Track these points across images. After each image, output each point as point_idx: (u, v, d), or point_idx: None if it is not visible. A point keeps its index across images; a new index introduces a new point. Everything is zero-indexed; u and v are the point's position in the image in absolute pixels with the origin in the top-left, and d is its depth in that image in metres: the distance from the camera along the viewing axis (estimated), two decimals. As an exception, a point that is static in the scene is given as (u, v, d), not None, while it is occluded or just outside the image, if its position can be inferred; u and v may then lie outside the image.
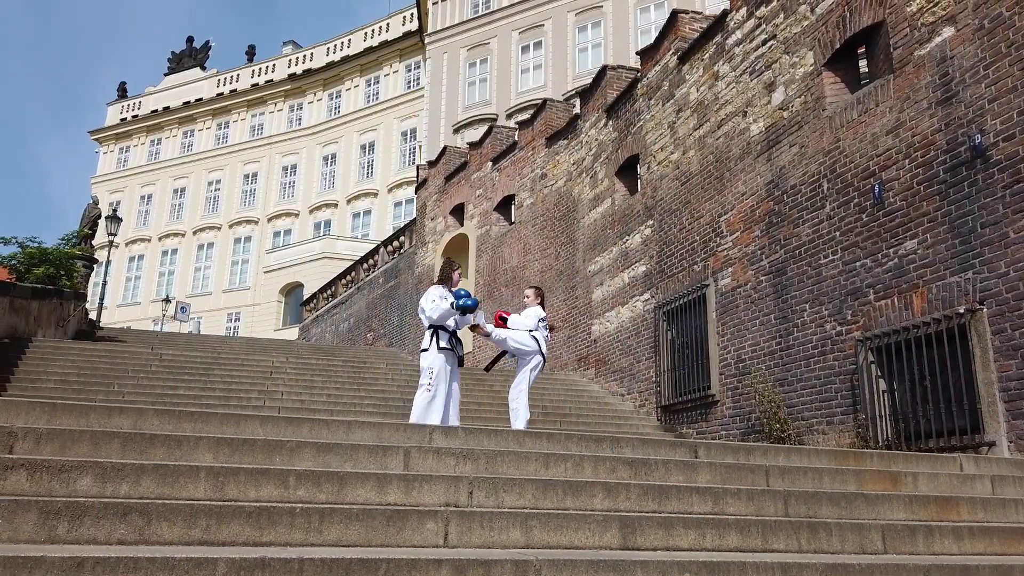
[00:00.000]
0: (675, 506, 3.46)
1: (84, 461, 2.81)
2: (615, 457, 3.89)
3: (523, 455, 3.73)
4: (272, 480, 3.00)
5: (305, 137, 40.70)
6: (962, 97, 6.73)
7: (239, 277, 40.30)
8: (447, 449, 3.63)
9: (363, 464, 3.46)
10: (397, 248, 22.04)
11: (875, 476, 4.27)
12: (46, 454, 3.03)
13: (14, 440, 3.01)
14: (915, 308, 6.97)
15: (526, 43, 30.71)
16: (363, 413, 9.56)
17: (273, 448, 3.38)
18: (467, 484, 3.22)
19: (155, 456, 3.18)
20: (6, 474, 2.68)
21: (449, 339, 6.60)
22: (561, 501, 3.31)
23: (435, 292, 6.72)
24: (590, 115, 14.16)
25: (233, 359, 11.64)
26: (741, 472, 4.01)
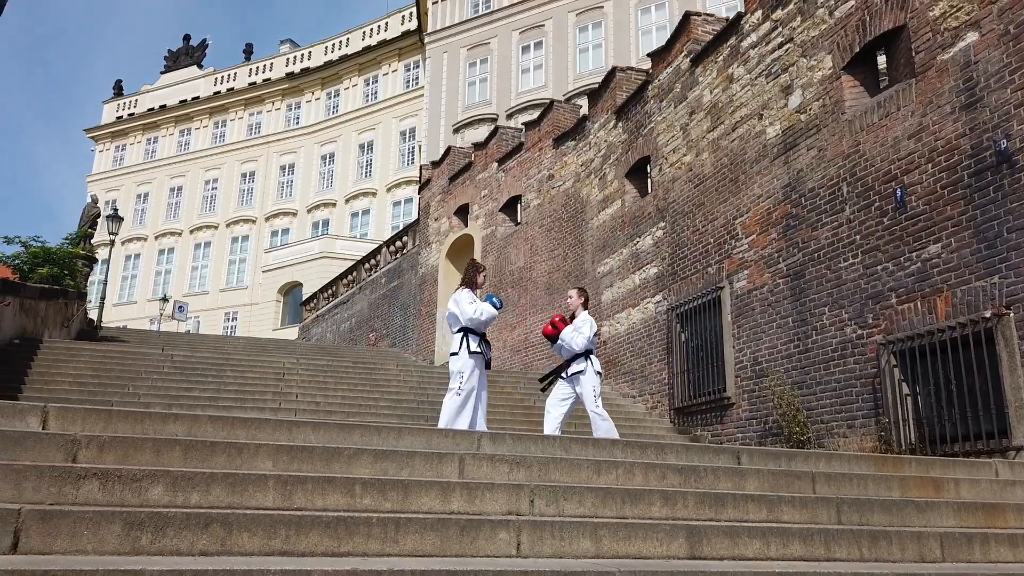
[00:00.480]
0: (731, 514, 3.46)
1: (156, 470, 2.79)
2: (665, 464, 3.89)
3: (574, 462, 3.72)
4: (338, 489, 2.98)
5: (303, 136, 40.60)
6: (987, 102, 6.76)
7: (236, 276, 40.17)
8: (501, 456, 3.62)
9: (419, 471, 3.45)
10: (400, 248, 22.00)
11: (918, 482, 4.29)
12: (109, 462, 3.00)
13: (78, 448, 2.99)
14: (939, 312, 6.99)
15: (526, 43, 30.71)
16: (379, 415, 9.55)
17: (332, 455, 3.36)
18: (528, 492, 3.22)
19: (217, 463, 3.16)
20: (79, 484, 2.65)
21: (479, 342, 6.59)
22: (620, 509, 3.31)
23: (466, 296, 6.69)
24: (599, 116, 14.16)
25: (244, 360, 11.60)
26: (788, 479, 4.02)
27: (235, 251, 40.80)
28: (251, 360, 11.68)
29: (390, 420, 9.38)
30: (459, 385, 6.36)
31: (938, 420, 6.83)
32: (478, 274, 6.93)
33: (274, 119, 41.95)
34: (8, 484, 2.58)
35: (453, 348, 6.65)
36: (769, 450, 4.60)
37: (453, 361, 6.55)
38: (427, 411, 9.98)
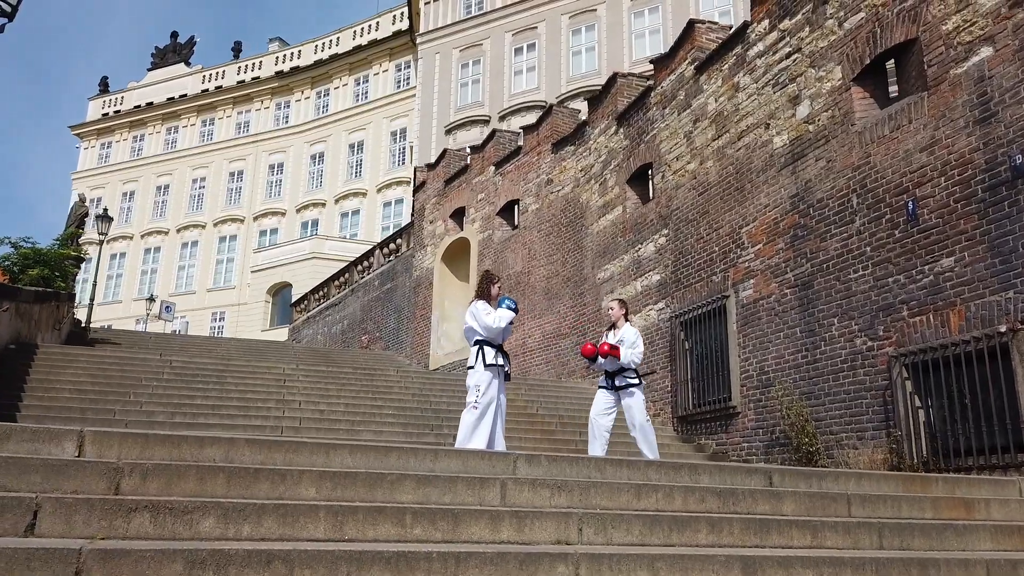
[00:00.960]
0: (776, 540, 3.44)
1: (206, 502, 2.72)
2: (703, 487, 3.86)
3: (614, 486, 3.68)
4: (389, 519, 2.92)
5: (292, 135, 40.33)
6: (1002, 117, 6.79)
7: (224, 276, 39.84)
8: (542, 481, 3.57)
9: (462, 496, 3.39)
10: (394, 250, 21.88)
11: (949, 503, 4.29)
12: (153, 491, 2.92)
13: (121, 477, 2.91)
14: (952, 326, 7.02)
15: (519, 45, 30.66)
16: (384, 423, 9.48)
17: (375, 481, 3.30)
18: (576, 520, 3.17)
19: (261, 491, 3.09)
20: (130, 517, 2.58)
21: (496, 355, 6.52)
22: (668, 536, 3.27)
23: (483, 307, 6.61)
24: (599, 122, 14.14)
25: (244, 367, 11.47)
26: (824, 501, 4.01)
27: (223, 251, 40.46)
28: (251, 366, 11.55)
29: (395, 428, 9.31)
30: (476, 399, 6.29)
31: (951, 434, 6.85)
32: (492, 285, 6.83)
33: (263, 118, 41.63)
34: (59, 519, 2.50)
35: (470, 361, 6.58)
36: (799, 470, 4.59)
37: (470, 375, 6.48)
38: (431, 419, 9.92)
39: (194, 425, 8.35)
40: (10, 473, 2.74)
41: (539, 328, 14.73)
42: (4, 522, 2.44)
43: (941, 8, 7.51)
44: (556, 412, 10.91)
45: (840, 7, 8.83)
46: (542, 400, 11.55)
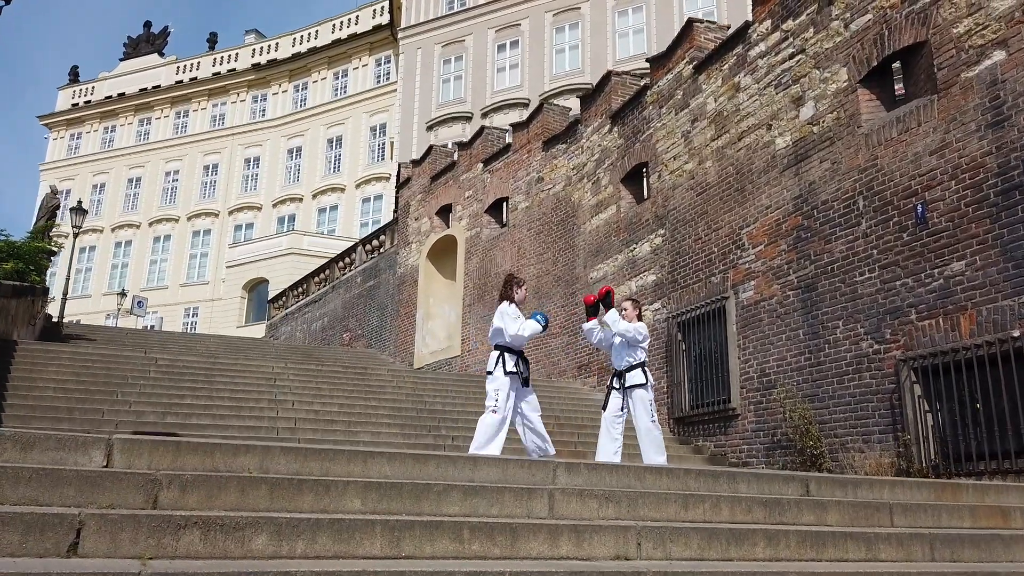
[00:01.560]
0: (832, 553, 3.34)
1: (258, 518, 2.54)
2: (748, 497, 3.75)
3: (661, 496, 3.56)
4: (446, 534, 2.76)
5: (269, 129, 39.74)
6: (1015, 121, 6.79)
7: (197, 271, 39.16)
8: (590, 491, 3.44)
9: (510, 508, 3.24)
10: (377, 247, 21.60)
11: (986, 512, 4.24)
12: (193, 504, 2.73)
13: (159, 489, 2.71)
14: (963, 330, 7.01)
15: (502, 42, 30.49)
16: (381, 424, 9.29)
17: (421, 492, 3.13)
18: (634, 535, 3.04)
19: (305, 503, 2.91)
20: (179, 534, 2.39)
21: (516, 362, 6.38)
22: (726, 551, 3.16)
23: (513, 311, 6.46)
24: (592, 120, 14.03)
25: (231, 365, 11.20)
26: (867, 511, 3.93)
27: (196, 245, 39.76)
28: (239, 365, 11.28)
29: (392, 430, 9.13)
30: (495, 403, 6.14)
31: (963, 438, 6.84)
32: (518, 288, 6.67)
33: (239, 111, 40.97)
34: (103, 537, 2.31)
35: (489, 367, 6.42)
36: (835, 477, 4.50)
37: (490, 380, 6.33)
38: (427, 420, 9.75)
39: (187, 426, 8.09)
40: (43, 486, 2.54)
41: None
42: (45, 541, 2.24)
43: (952, 11, 7.50)
44: (551, 412, 10.75)
45: (846, 8, 8.80)
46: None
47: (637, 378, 7.12)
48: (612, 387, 7.28)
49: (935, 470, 6.98)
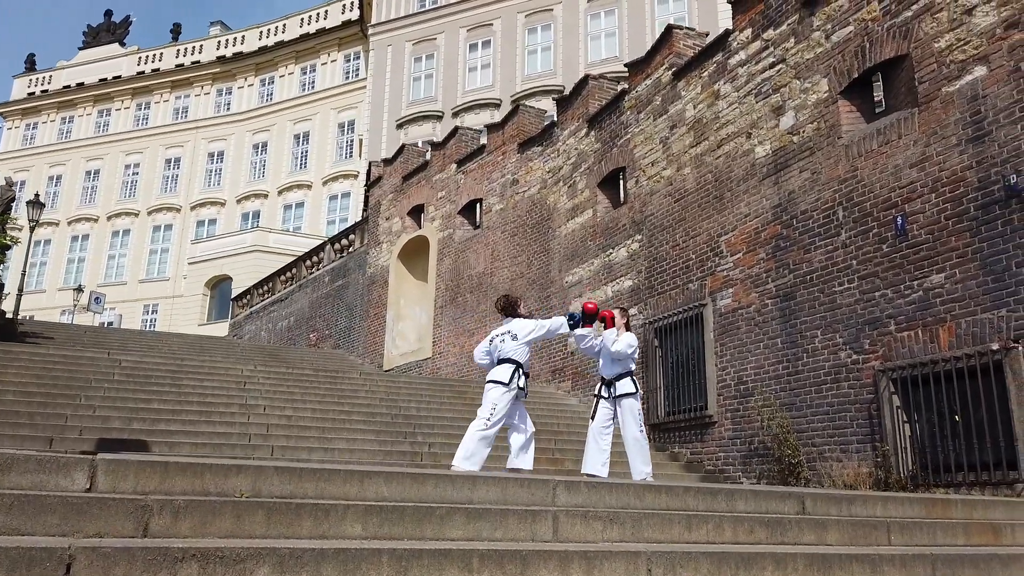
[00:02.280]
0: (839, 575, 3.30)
1: (261, 548, 2.38)
2: (751, 517, 3.70)
3: (664, 517, 3.49)
4: (455, 563, 2.64)
5: (234, 123, 39.00)
6: (996, 137, 6.87)
7: (157, 267, 38.28)
8: (593, 512, 3.34)
9: (513, 532, 3.13)
10: (346, 246, 21.30)
11: (978, 528, 4.25)
12: (186, 531, 2.57)
13: (149, 515, 2.54)
14: (941, 342, 7.08)
15: (474, 41, 30.33)
16: (355, 431, 9.11)
17: (423, 516, 3.00)
18: (645, 561, 2.95)
19: (304, 528, 2.76)
20: (176, 567, 2.22)
21: (525, 379, 6.33)
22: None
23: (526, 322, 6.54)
24: (569, 123, 13.97)
25: (200, 367, 10.90)
26: (864, 529, 3.90)
27: (157, 240, 38.86)
28: (207, 367, 10.98)
29: (367, 436, 8.95)
30: (490, 416, 6.03)
31: (942, 449, 6.91)
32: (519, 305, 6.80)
33: (203, 104, 40.15)
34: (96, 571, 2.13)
35: (499, 376, 6.33)
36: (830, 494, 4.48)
37: (493, 389, 6.23)
38: (402, 426, 9.59)
39: (154, 432, 7.83)
40: (25, 513, 2.35)
41: (502, 331, 14.47)
42: (32, 579, 2.06)
43: (934, 26, 7.58)
44: (527, 418, 10.68)
45: (827, 20, 8.86)
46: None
47: (627, 387, 7.07)
48: (600, 396, 7.20)
49: (913, 480, 7.04)
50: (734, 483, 9.08)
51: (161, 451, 7.30)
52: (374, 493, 3.25)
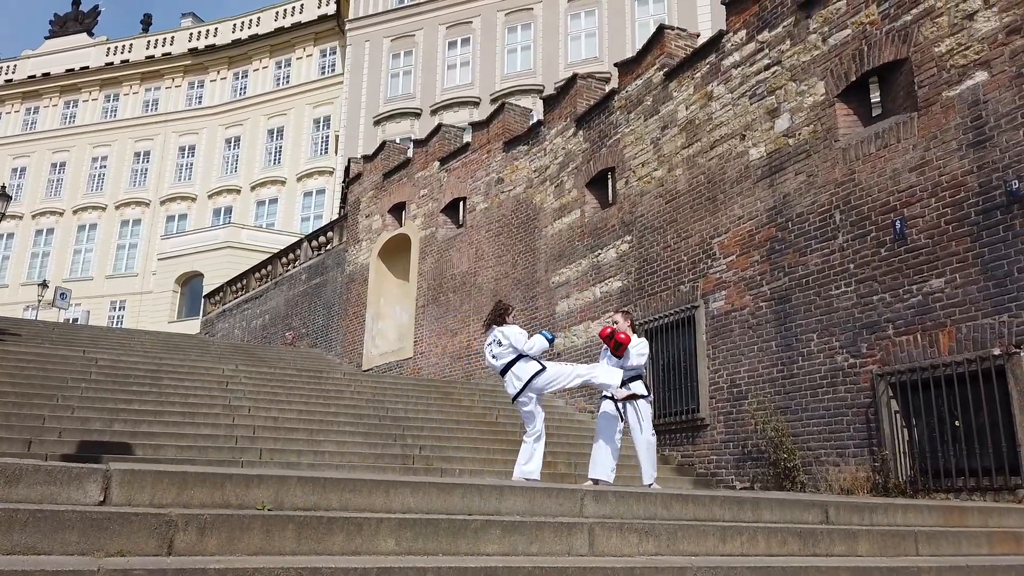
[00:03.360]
0: (880, 587, 3.21)
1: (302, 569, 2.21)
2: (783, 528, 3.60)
3: (699, 529, 3.37)
4: (502, 581, 2.50)
5: (206, 117, 38.28)
6: (997, 142, 6.88)
7: (125, 263, 37.43)
8: (629, 525, 3.21)
9: (549, 545, 2.99)
10: (324, 244, 20.96)
11: (1000, 537, 4.21)
12: (213, 548, 2.38)
13: (174, 531, 2.35)
14: (941, 346, 7.08)
15: (453, 39, 30.10)
16: (344, 433, 8.89)
17: (458, 529, 2.85)
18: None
19: (335, 544, 2.59)
20: (212, 593, 2.05)
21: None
22: (781, 590, 2.99)
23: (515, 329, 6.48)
24: (556, 123, 13.85)
25: (180, 366, 10.57)
26: (894, 540, 3.83)
27: (125, 235, 38.00)
28: (187, 366, 10.66)
29: (356, 439, 8.74)
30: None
31: (942, 454, 6.90)
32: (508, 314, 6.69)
33: (173, 96, 39.35)
34: (127, 598, 1.95)
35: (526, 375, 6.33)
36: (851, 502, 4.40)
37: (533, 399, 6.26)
38: (391, 427, 9.39)
39: (137, 434, 7.56)
40: (40, 531, 2.15)
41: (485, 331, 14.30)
42: (59, 607, 1.87)
43: (934, 30, 7.58)
44: (515, 419, 10.52)
45: (824, 23, 8.84)
46: (499, 407, 11.16)
47: (639, 389, 6.95)
48: (607, 397, 7.07)
49: (912, 485, 7.03)
50: (727, 486, 9.04)
51: (145, 454, 7.05)
52: (400, 504, 3.09)
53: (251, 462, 7.29)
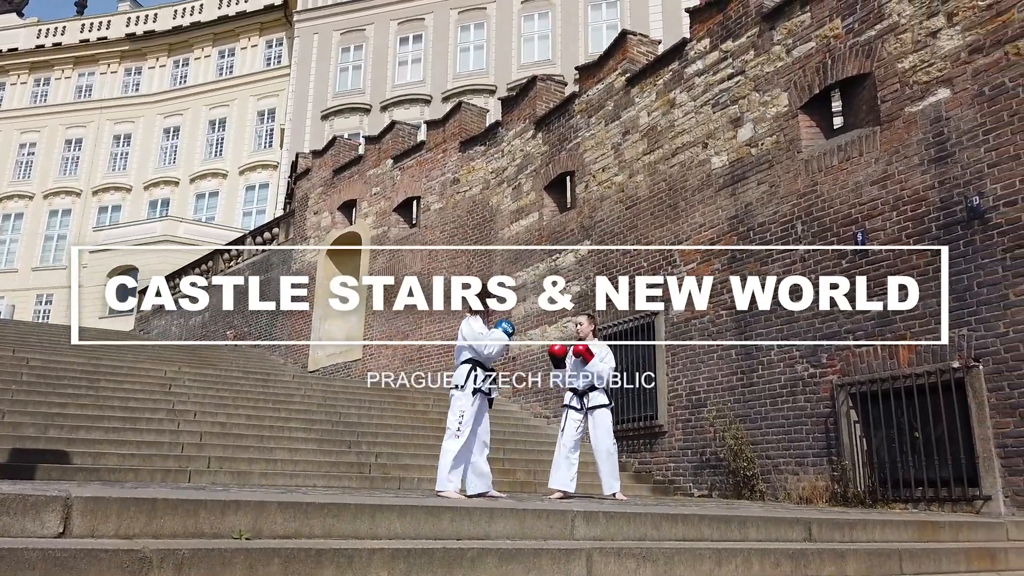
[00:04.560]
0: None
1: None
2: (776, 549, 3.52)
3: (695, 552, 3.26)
4: (507, 617, 2.32)
5: (143, 105, 36.88)
6: (959, 158, 7.00)
7: (53, 255, 35.76)
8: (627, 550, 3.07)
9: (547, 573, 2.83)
10: (268, 240, 20.37)
11: (978, 555, 4.24)
12: (193, 588, 2.14)
13: (148, 569, 2.09)
14: (901, 358, 7.17)
15: (405, 35, 29.70)
16: (296, 440, 8.57)
17: (452, 560, 2.65)
18: (696, 603, 2.71)
19: (326, 579, 2.37)
20: (202, 644, 1.81)
21: (485, 378, 5.92)
22: (782, 616, 2.89)
23: (477, 324, 6.02)
24: (514, 124, 13.70)
25: (118, 367, 10.05)
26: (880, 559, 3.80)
27: (53, 226, 36.31)
28: (126, 367, 10.15)
29: (309, 446, 8.43)
30: (459, 425, 5.66)
31: (901, 465, 6.99)
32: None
33: (108, 83, 37.78)
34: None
35: (457, 380, 5.93)
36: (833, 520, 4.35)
37: (457, 397, 5.84)
38: (344, 434, 9.09)
39: (74, 441, 7.12)
40: (-3, 574, 1.88)
41: (439, 333, 14.07)
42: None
43: (897, 46, 7.69)
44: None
45: (788, 35, 8.90)
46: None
47: (600, 398, 6.86)
48: (571, 406, 6.94)
49: (872, 495, 7.10)
50: (685, 494, 9.03)
51: (84, 462, 6.63)
52: (387, 530, 2.88)
53: (200, 471, 6.93)
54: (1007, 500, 6.21)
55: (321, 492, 4.99)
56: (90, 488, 2.73)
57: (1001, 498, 6.23)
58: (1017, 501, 6.15)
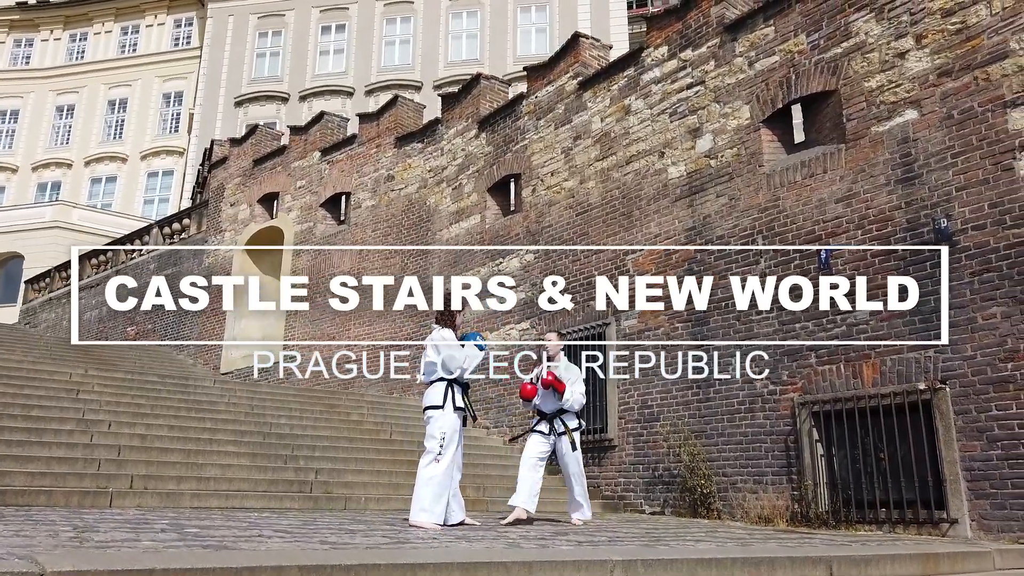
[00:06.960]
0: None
1: None
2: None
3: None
4: None
5: (33, 80, 34.09)
6: (926, 180, 7.04)
7: (-76, 238, 32.56)
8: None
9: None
10: (178, 231, 19.07)
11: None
12: None
13: None
14: (865, 378, 7.15)
15: (328, 24, 28.63)
16: (227, 454, 7.85)
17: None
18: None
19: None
20: None
21: (463, 396, 5.46)
22: None
23: (450, 336, 5.53)
24: (456, 122, 13.22)
25: (16, 369, 8.99)
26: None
27: (-76, 206, 33.07)
28: (25, 369, 9.09)
29: (242, 461, 7.72)
30: (440, 448, 5.18)
31: (865, 485, 6.95)
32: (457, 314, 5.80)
33: (-6, 53, 34.79)
34: None
35: (433, 401, 5.44)
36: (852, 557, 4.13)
37: (434, 418, 5.35)
38: (278, 447, 8.40)
39: (-30, 457, 6.19)
40: None
41: (370, 337, 13.41)
42: None
43: (864, 65, 7.70)
44: (410, 436, 9.80)
45: (751, 47, 8.83)
46: (391, 422, 10.41)
47: (571, 422, 6.55)
48: (537, 430, 6.59)
49: (834, 516, 7.04)
50: (636, 510, 8.80)
51: (-16, 484, 5.76)
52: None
53: (122, 492, 6.17)
54: (973, 524, 6.23)
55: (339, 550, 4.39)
56: (67, 557, 2.11)
57: (967, 521, 6.25)
58: (984, 525, 6.19)
